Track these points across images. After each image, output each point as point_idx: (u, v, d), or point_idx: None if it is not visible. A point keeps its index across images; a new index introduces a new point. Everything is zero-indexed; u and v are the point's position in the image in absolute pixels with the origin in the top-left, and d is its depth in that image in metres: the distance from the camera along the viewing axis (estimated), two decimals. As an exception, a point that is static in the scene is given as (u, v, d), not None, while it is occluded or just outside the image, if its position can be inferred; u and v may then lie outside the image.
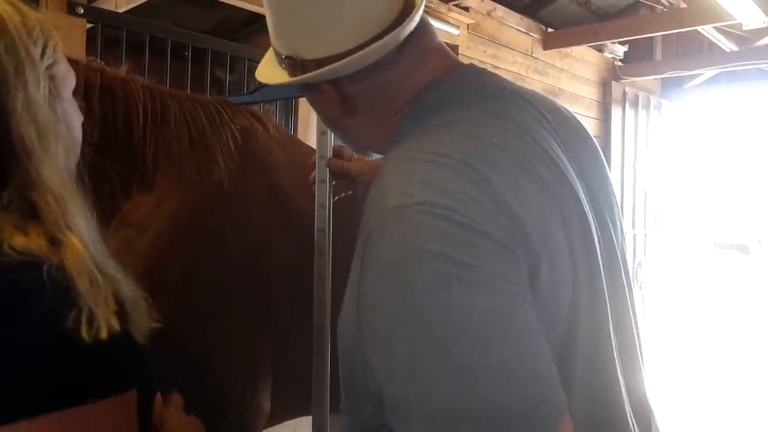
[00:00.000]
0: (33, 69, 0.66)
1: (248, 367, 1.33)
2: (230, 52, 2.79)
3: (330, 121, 0.89)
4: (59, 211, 0.62)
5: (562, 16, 5.10)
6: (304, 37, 0.77)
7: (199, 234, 1.27)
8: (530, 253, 0.65)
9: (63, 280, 0.57)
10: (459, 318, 0.58)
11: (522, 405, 0.57)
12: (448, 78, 0.79)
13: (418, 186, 0.66)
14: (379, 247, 0.64)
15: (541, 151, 0.73)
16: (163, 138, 1.29)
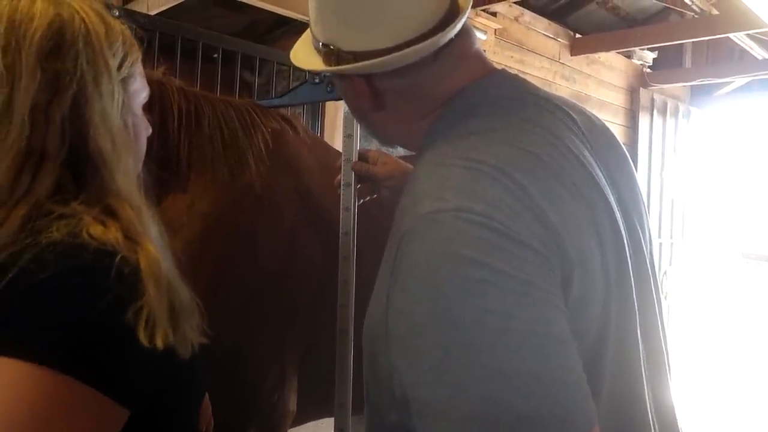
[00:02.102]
0: (110, 81, 0.68)
1: (276, 368, 1.34)
2: (260, 55, 2.82)
3: (357, 113, 0.89)
4: (135, 218, 0.64)
5: (590, 22, 5.07)
6: (344, 28, 0.77)
7: (232, 235, 1.29)
8: (564, 261, 0.65)
9: (131, 275, 0.58)
10: (493, 325, 0.58)
11: (554, 414, 0.57)
12: (482, 83, 0.79)
13: (453, 191, 0.66)
14: (412, 252, 0.64)
15: (574, 158, 0.73)
16: (197, 139, 1.31)
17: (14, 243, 0.58)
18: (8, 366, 0.52)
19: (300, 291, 1.38)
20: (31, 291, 0.55)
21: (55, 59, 0.63)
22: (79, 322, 0.55)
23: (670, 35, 4.38)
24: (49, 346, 0.53)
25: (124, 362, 0.57)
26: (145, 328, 0.57)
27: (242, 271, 1.29)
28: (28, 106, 0.61)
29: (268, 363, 1.33)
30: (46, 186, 0.62)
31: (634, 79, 5.27)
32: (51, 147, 0.62)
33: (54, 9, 0.66)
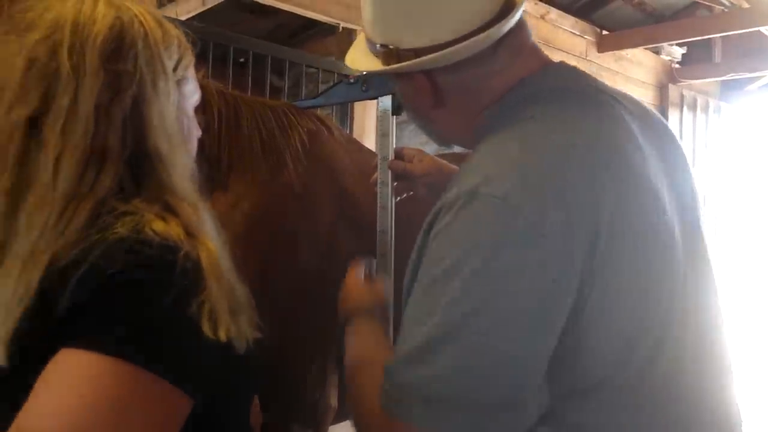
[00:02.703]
0: (166, 82, 0.70)
1: (318, 365, 1.36)
2: (289, 58, 2.85)
3: (417, 112, 0.90)
4: (193, 215, 0.66)
5: (617, 18, 5.01)
6: (403, 26, 0.78)
7: (273, 234, 1.31)
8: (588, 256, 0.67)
9: (193, 270, 0.60)
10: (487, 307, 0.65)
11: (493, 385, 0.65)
12: (540, 74, 0.80)
13: (497, 174, 0.69)
14: (441, 224, 0.70)
15: (626, 152, 0.74)
16: (237, 140, 1.33)
17: (82, 239, 0.60)
18: (84, 358, 0.54)
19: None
20: (101, 286, 0.57)
21: (116, 60, 0.66)
22: (148, 315, 0.57)
23: (699, 30, 4.31)
24: (121, 339, 0.55)
25: (191, 353, 0.59)
26: (208, 320, 0.58)
27: (284, 269, 1.31)
28: (92, 106, 0.63)
29: (309, 360, 1.35)
30: (108, 183, 0.64)
31: (663, 75, 5.20)
32: (113, 145, 0.64)
33: (114, 12, 0.68)
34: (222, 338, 0.59)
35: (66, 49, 0.64)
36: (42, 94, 0.63)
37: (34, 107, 0.63)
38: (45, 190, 0.61)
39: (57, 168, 0.61)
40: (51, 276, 0.58)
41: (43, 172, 0.61)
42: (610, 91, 0.82)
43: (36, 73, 0.63)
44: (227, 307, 0.61)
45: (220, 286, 0.61)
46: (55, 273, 0.58)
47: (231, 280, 0.66)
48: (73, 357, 0.54)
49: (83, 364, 0.54)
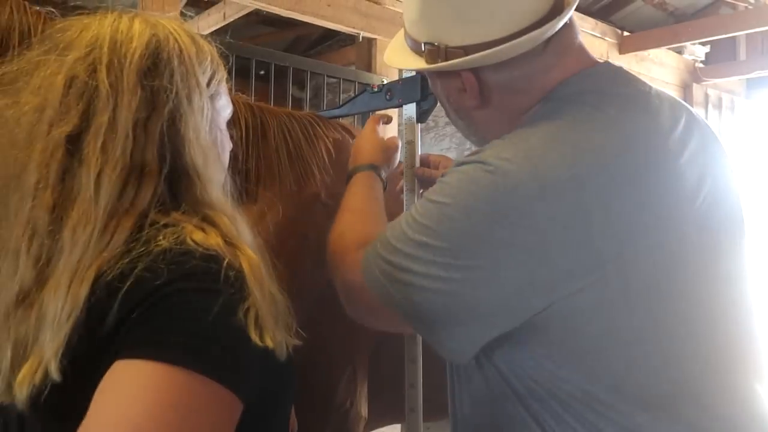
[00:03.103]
0: (201, 97, 0.71)
1: (348, 374, 1.36)
2: (310, 69, 2.88)
3: (459, 112, 0.89)
4: (232, 227, 0.67)
5: (638, 19, 4.97)
6: (452, 24, 0.78)
7: (301, 243, 1.32)
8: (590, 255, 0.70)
9: (237, 279, 0.61)
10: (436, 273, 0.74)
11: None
12: (581, 75, 0.80)
13: (513, 152, 0.72)
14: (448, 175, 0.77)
15: (657, 159, 0.73)
16: (264, 151, 1.34)
17: (127, 252, 0.61)
18: (142, 368, 0.55)
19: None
20: (148, 298, 0.57)
21: (153, 77, 0.67)
22: (198, 323, 0.57)
23: (722, 28, 4.25)
24: (176, 347, 0.56)
25: (243, 358, 0.59)
26: (255, 327, 0.59)
27: (313, 278, 1.32)
28: (131, 122, 0.65)
29: (339, 369, 1.35)
30: (148, 198, 0.65)
31: (687, 74, 5.12)
32: (151, 160, 0.65)
33: (150, 30, 0.69)
34: (269, 345, 0.60)
35: (104, 67, 0.65)
36: (82, 111, 0.64)
37: (74, 124, 0.64)
38: (87, 205, 0.62)
39: (98, 184, 0.63)
40: (98, 290, 0.59)
41: (85, 189, 0.63)
42: (660, 93, 0.81)
43: (76, 91, 0.65)
44: (271, 313, 0.62)
45: (262, 293, 0.62)
46: (102, 287, 0.59)
47: (271, 287, 0.66)
48: (131, 367, 0.55)
49: (142, 374, 0.54)
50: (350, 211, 0.95)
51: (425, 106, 1.29)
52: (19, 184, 0.64)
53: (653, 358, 0.71)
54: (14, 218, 0.63)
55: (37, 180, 0.63)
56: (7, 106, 0.66)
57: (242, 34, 4.70)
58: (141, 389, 0.53)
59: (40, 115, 0.65)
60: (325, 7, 2.82)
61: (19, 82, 0.67)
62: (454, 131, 4.86)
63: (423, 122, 1.34)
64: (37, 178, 0.63)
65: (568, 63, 0.80)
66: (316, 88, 3.36)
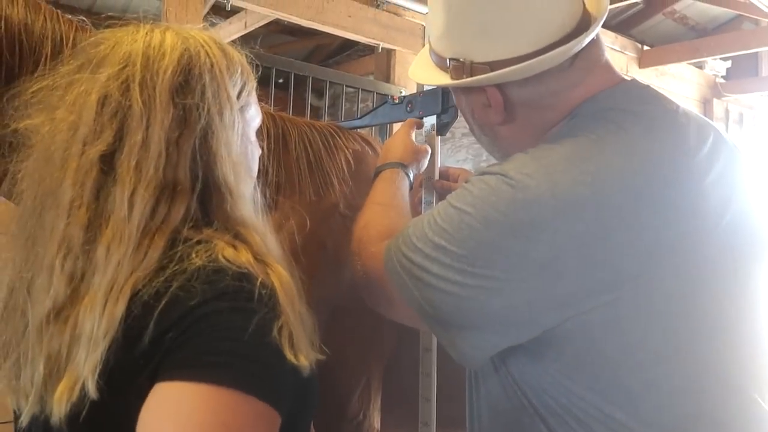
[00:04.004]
0: (231, 111, 0.71)
1: (362, 386, 1.36)
2: (329, 78, 2.90)
3: (484, 128, 0.89)
4: (263, 244, 0.67)
5: (658, 33, 4.94)
6: (478, 39, 0.78)
7: (319, 253, 1.32)
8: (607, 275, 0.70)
9: (270, 297, 0.61)
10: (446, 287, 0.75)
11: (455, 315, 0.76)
12: (607, 93, 0.79)
13: (530, 169, 0.72)
14: (469, 185, 0.77)
15: (680, 181, 0.73)
16: (285, 161, 1.35)
17: (161, 269, 0.61)
18: (186, 390, 0.55)
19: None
20: (185, 318, 0.58)
21: (185, 94, 0.67)
22: (235, 342, 0.58)
23: (744, 43, 4.21)
24: (216, 367, 0.56)
25: (279, 376, 0.60)
26: (289, 345, 0.60)
27: (329, 289, 1.32)
28: (163, 140, 0.65)
29: (353, 381, 1.35)
30: (180, 215, 0.65)
31: (707, 89, 5.08)
32: (183, 177, 0.66)
33: (182, 44, 0.70)
34: (303, 362, 0.60)
35: (137, 85, 0.66)
36: (116, 130, 0.65)
37: (108, 143, 0.65)
38: (121, 223, 0.62)
39: (132, 202, 0.63)
40: (134, 308, 0.59)
41: (119, 207, 0.63)
42: (688, 113, 0.80)
43: (109, 109, 0.66)
44: (302, 331, 0.62)
45: (294, 310, 0.63)
46: (137, 305, 0.59)
47: (300, 305, 0.66)
48: (175, 390, 0.55)
49: (187, 396, 0.54)
50: (376, 203, 0.98)
51: (446, 119, 1.29)
52: (55, 201, 0.64)
53: (671, 380, 0.71)
54: (49, 235, 0.64)
55: (72, 198, 0.64)
56: (42, 124, 0.67)
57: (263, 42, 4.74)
58: (189, 411, 0.54)
59: (74, 133, 0.65)
60: (345, 18, 2.85)
61: (53, 99, 0.68)
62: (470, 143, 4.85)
63: (443, 135, 1.34)
64: (72, 196, 0.64)
65: (594, 80, 0.80)
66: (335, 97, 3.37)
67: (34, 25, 1.01)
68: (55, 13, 1.05)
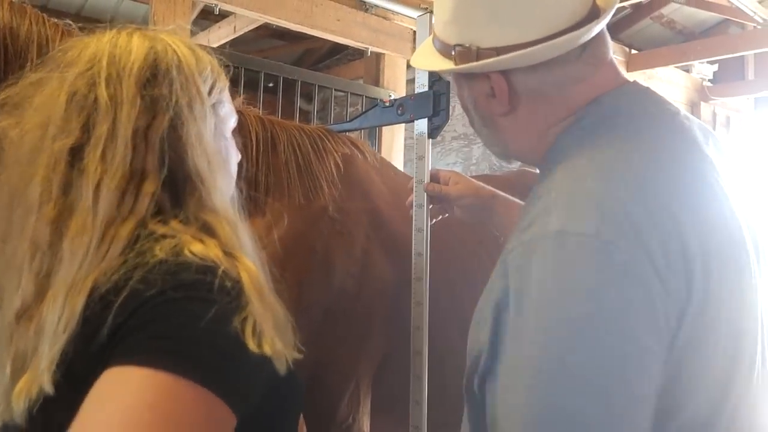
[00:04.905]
0: (202, 105, 0.72)
1: (351, 389, 1.35)
2: (318, 82, 2.89)
3: (485, 119, 0.85)
4: (233, 235, 0.67)
5: (646, 37, 4.99)
6: (487, 24, 0.75)
7: (308, 257, 1.32)
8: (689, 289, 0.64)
9: (234, 289, 0.60)
10: (578, 371, 0.60)
11: None
12: (614, 95, 0.77)
13: (585, 210, 0.65)
14: (531, 266, 0.65)
15: (705, 179, 0.71)
16: (274, 165, 1.35)
17: (123, 263, 0.61)
18: (129, 374, 0.54)
19: (372, 312, 1.40)
20: (141, 308, 0.57)
21: (152, 87, 0.68)
22: (190, 330, 0.57)
23: (731, 47, 4.25)
24: (166, 354, 0.55)
25: (235, 367, 0.58)
26: (253, 336, 0.58)
27: (318, 292, 1.32)
28: (130, 131, 0.65)
29: (343, 385, 1.34)
30: (147, 205, 0.65)
31: (694, 93, 5.13)
32: (152, 168, 0.66)
33: (149, 43, 0.71)
34: (267, 352, 0.59)
35: (104, 80, 0.67)
36: (82, 124, 0.65)
37: (75, 137, 0.65)
38: (86, 216, 0.62)
39: (97, 194, 0.63)
40: (92, 303, 0.59)
41: (84, 199, 0.63)
42: (684, 115, 0.79)
43: (76, 105, 0.66)
44: (272, 323, 0.61)
45: (263, 303, 0.62)
46: (96, 300, 0.59)
47: (272, 299, 0.66)
48: (120, 374, 0.55)
49: (129, 380, 0.54)
50: None
51: (437, 122, 1.29)
52: (25, 199, 0.64)
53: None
54: (19, 233, 0.63)
55: (40, 194, 0.63)
56: (10, 126, 0.67)
57: (252, 47, 4.74)
58: (127, 395, 0.53)
59: (43, 132, 0.66)
60: (334, 22, 2.85)
61: (23, 103, 0.68)
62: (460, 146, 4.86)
63: (434, 138, 1.34)
64: (40, 191, 0.63)
65: (600, 78, 0.77)
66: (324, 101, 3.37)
67: (19, 29, 1.00)
68: (40, 17, 1.04)
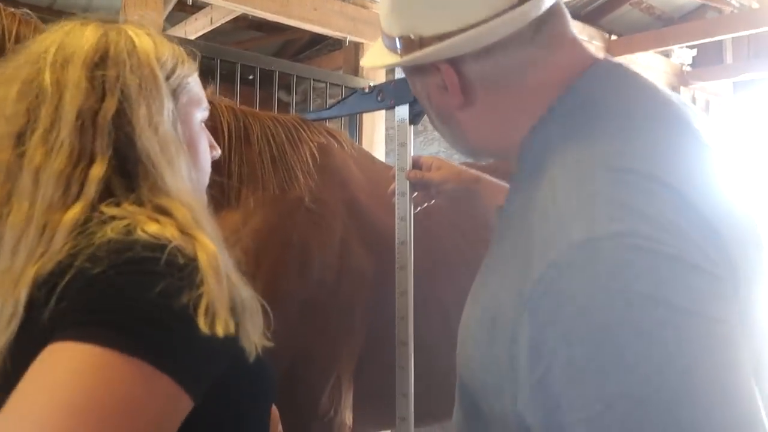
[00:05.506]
0: (156, 88, 0.69)
1: (332, 382, 1.34)
2: (296, 73, 2.86)
3: (442, 115, 0.79)
4: (189, 215, 0.64)
5: (625, 23, 4.99)
6: (426, 11, 0.71)
7: (284, 249, 1.30)
8: (734, 279, 0.56)
9: (187, 266, 0.58)
10: (674, 376, 0.48)
11: None
12: (588, 77, 0.70)
13: (608, 211, 0.55)
14: (567, 289, 0.53)
15: (708, 161, 0.65)
16: (247, 156, 1.32)
17: (72, 247, 0.59)
18: (68, 349, 0.52)
19: (351, 303, 1.38)
20: (86, 285, 0.55)
21: (99, 69, 0.66)
22: (135, 305, 0.54)
23: (709, 32, 4.28)
24: (107, 328, 0.53)
25: (182, 344, 0.56)
26: (205, 315, 0.56)
27: (296, 285, 1.30)
28: (74, 115, 0.64)
29: (323, 377, 1.33)
30: (96, 188, 0.63)
31: (674, 78, 5.15)
32: (99, 152, 0.64)
33: (102, 31, 0.69)
34: (219, 333, 0.56)
35: (49, 66, 0.66)
36: (26, 109, 0.64)
37: (20, 124, 0.64)
38: (25, 201, 0.61)
39: (37, 179, 0.61)
40: (38, 286, 0.57)
41: (24, 184, 0.61)
42: (669, 92, 0.72)
43: (23, 93, 0.65)
44: (227, 304, 0.59)
45: (219, 283, 0.59)
46: (41, 283, 0.57)
47: (234, 280, 0.63)
48: (58, 349, 0.53)
49: (61, 355, 0.52)
50: None
51: (418, 108, 1.26)
52: None
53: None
54: None
55: None
56: None
57: (231, 38, 4.68)
58: (57, 370, 0.51)
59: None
60: (311, 11, 2.81)
61: None
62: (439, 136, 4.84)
63: (416, 124, 1.31)
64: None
65: (563, 59, 0.71)
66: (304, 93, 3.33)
67: None
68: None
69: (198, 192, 0.75)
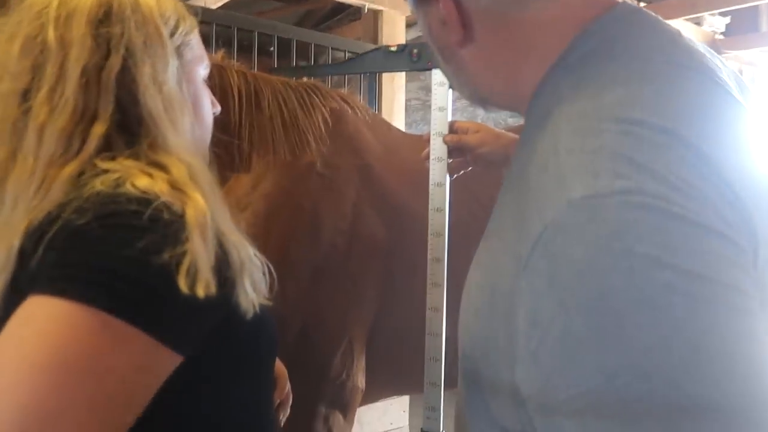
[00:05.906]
0: (161, 45, 0.69)
1: (343, 346, 1.34)
2: (315, 41, 2.83)
3: (444, 52, 0.74)
4: (185, 171, 0.65)
5: (655, -11, 4.83)
6: None
7: (295, 214, 1.30)
8: (755, 250, 0.51)
9: (173, 222, 0.58)
10: (681, 345, 0.45)
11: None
12: (610, 17, 0.63)
13: (612, 166, 0.51)
14: (565, 251, 0.49)
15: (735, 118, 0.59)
16: (258, 120, 1.32)
17: (67, 200, 0.59)
18: (45, 303, 0.53)
19: (364, 269, 1.38)
20: (70, 236, 0.56)
21: (104, 26, 0.66)
22: (114, 260, 0.55)
23: (744, -3, 4.11)
24: (85, 283, 0.54)
25: (160, 300, 0.56)
26: (186, 274, 0.55)
27: (306, 249, 1.30)
28: (78, 72, 0.64)
29: (335, 341, 1.33)
30: (96, 145, 0.63)
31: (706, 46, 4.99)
32: (102, 108, 0.64)
33: None
34: (199, 294, 0.56)
35: (53, 21, 0.65)
36: (31, 67, 0.64)
37: (25, 81, 0.64)
38: (29, 157, 0.62)
39: (41, 135, 0.62)
40: (28, 236, 0.58)
41: (29, 140, 0.62)
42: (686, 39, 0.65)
43: (27, 49, 0.65)
44: (210, 263, 0.58)
45: (205, 241, 0.59)
46: (31, 232, 0.58)
47: (231, 238, 0.63)
48: (34, 304, 0.54)
49: (40, 311, 0.53)
50: None
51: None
52: None
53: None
54: None
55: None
56: None
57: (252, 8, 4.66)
58: (31, 325, 0.52)
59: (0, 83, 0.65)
60: (330, -22, 2.77)
61: None
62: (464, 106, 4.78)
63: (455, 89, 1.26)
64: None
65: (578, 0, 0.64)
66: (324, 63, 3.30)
67: None
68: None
69: (200, 149, 0.75)
